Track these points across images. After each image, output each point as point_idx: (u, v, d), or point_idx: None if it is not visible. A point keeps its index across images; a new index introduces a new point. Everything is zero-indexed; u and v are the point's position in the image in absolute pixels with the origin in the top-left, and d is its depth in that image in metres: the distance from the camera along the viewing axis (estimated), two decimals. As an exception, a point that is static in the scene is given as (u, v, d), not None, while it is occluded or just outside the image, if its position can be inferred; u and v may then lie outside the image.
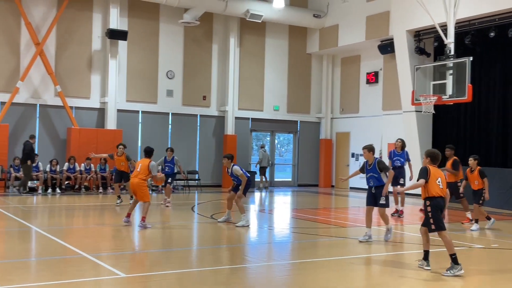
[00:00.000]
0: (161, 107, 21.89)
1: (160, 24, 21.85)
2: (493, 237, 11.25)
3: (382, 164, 9.93)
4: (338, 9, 23.50)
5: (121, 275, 7.03)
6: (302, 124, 25.26)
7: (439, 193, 7.61)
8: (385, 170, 9.84)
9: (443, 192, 7.67)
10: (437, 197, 7.61)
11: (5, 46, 19.17)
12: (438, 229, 7.64)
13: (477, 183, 12.08)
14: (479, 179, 12.04)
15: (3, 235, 10.53)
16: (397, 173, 13.40)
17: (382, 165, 9.90)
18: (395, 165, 13.84)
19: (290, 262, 8.49)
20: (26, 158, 17.57)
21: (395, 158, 14.04)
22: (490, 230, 12.06)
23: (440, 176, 7.70)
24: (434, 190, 7.59)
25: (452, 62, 14.90)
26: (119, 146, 15.15)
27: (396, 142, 14.30)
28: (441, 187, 7.62)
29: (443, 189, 7.65)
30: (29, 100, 19.55)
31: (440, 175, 7.74)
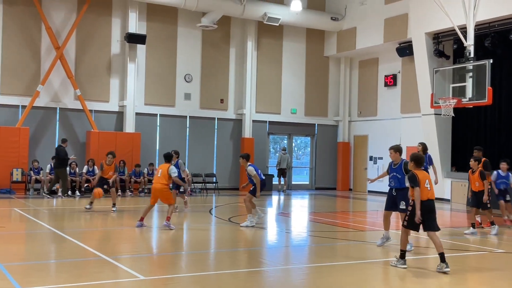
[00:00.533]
0: (179, 111, 22.00)
1: (178, 28, 21.99)
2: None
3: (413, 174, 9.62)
4: (356, 12, 23.43)
5: (140, 278, 7.07)
6: (319, 127, 25.20)
7: (428, 196, 7.91)
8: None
9: (432, 195, 7.97)
10: (424, 201, 7.87)
11: (26, 50, 19.44)
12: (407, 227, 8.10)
13: (478, 184, 11.96)
14: (480, 180, 11.89)
15: (23, 237, 10.67)
16: None
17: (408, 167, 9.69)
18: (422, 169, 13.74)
19: (307, 266, 8.46)
20: (62, 164, 17.72)
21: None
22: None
23: (427, 178, 8.00)
24: (424, 194, 7.87)
25: (472, 65, 14.76)
26: (108, 155, 14.51)
27: (418, 146, 14.17)
28: (429, 189, 7.94)
29: (430, 190, 7.94)
30: (49, 103, 19.79)
31: (427, 177, 8.03)
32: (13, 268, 7.44)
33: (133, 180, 19.57)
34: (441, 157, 20.01)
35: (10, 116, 19.15)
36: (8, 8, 19.13)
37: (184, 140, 22.13)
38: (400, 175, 9.48)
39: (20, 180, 18.52)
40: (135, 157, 20.20)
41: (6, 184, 18.10)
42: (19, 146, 18.57)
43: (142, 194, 19.49)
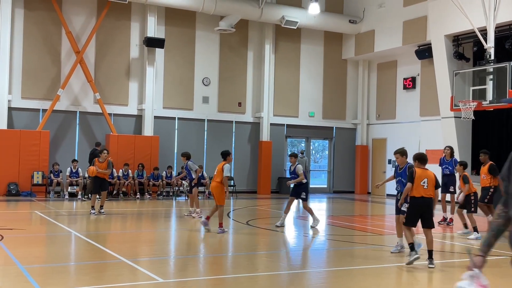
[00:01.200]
0: (197, 114, 22.10)
1: (196, 32, 22.10)
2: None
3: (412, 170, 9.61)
4: (374, 15, 23.32)
5: (159, 280, 7.10)
6: (337, 130, 25.10)
7: (422, 194, 8.21)
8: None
9: (427, 193, 8.21)
10: (418, 197, 8.23)
11: (46, 55, 19.70)
12: (405, 224, 8.52)
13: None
14: (463, 184, 11.82)
15: (44, 239, 10.79)
16: (446, 180, 13.54)
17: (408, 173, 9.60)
18: (444, 173, 13.73)
19: (326, 270, 8.43)
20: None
21: (444, 166, 13.84)
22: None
23: (427, 177, 8.25)
24: (417, 191, 8.22)
25: (492, 67, 14.61)
26: (103, 151, 13.87)
27: (445, 150, 14.07)
28: (425, 187, 8.21)
29: (427, 189, 8.20)
30: (69, 107, 20.02)
31: (428, 176, 8.27)
32: (34, 270, 7.53)
33: (151, 183, 19.69)
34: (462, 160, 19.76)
35: (31, 120, 19.41)
36: (29, 13, 19.40)
37: (202, 143, 22.21)
38: (405, 179, 9.23)
39: (41, 183, 18.73)
40: (154, 160, 20.33)
41: (27, 187, 18.33)
42: (40, 150, 18.80)
43: (161, 197, 19.60)
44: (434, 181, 8.30)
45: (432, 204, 8.38)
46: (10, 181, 18.11)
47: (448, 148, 13.96)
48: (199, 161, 21.22)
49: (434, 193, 8.33)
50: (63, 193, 18.44)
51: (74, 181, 18.58)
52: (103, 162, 13.62)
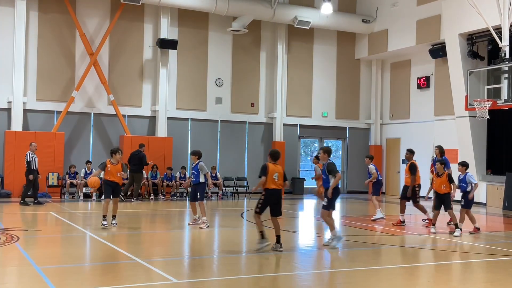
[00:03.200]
0: (210, 115, 22.15)
1: (209, 33, 22.16)
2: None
3: (331, 167, 9.88)
4: (388, 14, 23.21)
5: (173, 281, 7.13)
6: (351, 130, 25.01)
7: (272, 186, 9.31)
8: (332, 173, 9.83)
9: (277, 185, 9.33)
10: (270, 189, 9.32)
11: (61, 57, 19.86)
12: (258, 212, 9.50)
13: (444, 187, 11.87)
14: (447, 183, 11.84)
15: (59, 240, 10.88)
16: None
17: (331, 168, 9.86)
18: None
19: (340, 270, 8.40)
20: (141, 168, 18.49)
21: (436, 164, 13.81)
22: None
23: (277, 171, 9.37)
24: (269, 184, 9.29)
25: (507, 66, 14.48)
26: (116, 152, 11.99)
27: (435, 149, 14.14)
28: (276, 180, 9.32)
29: (277, 181, 9.32)
30: (83, 109, 20.17)
31: (278, 170, 9.39)
32: (50, 271, 7.59)
33: (165, 184, 19.76)
34: (476, 160, 19.63)
35: (46, 122, 19.58)
36: (44, 16, 19.58)
37: (215, 144, 22.26)
38: (325, 176, 9.90)
39: (56, 184, 18.89)
40: (167, 161, 20.42)
41: (42, 188, 18.47)
42: (55, 151, 18.97)
43: (174, 198, 19.67)
44: (283, 175, 9.46)
45: (281, 195, 9.53)
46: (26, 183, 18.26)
47: (436, 147, 14.00)
48: (212, 162, 21.29)
49: (283, 185, 9.49)
50: (77, 194, 18.57)
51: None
52: (116, 164, 11.90)
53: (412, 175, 13.16)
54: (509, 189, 18.36)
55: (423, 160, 22.62)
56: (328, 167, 9.89)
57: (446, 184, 11.87)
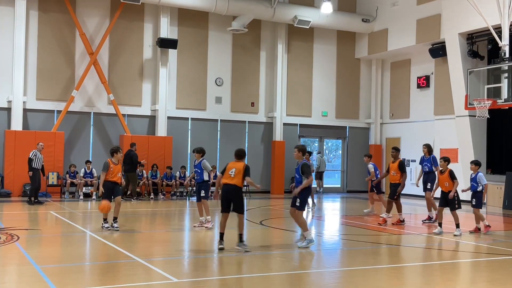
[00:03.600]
0: (210, 114, 22.15)
1: (209, 32, 22.15)
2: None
3: (305, 168, 9.74)
4: (388, 13, 23.21)
5: (173, 280, 7.13)
6: (351, 130, 25.01)
7: (225, 181, 9.42)
8: (305, 174, 9.73)
9: (233, 181, 9.35)
10: (224, 184, 9.43)
11: (61, 56, 19.86)
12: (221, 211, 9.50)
13: (447, 185, 11.68)
14: (449, 181, 11.62)
15: (59, 239, 10.88)
16: (425, 178, 13.79)
17: (305, 169, 9.72)
18: (424, 170, 13.95)
19: (340, 270, 8.40)
20: (135, 168, 18.39)
21: (424, 163, 14.01)
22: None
23: (234, 167, 9.46)
24: (223, 180, 9.43)
25: (507, 65, 14.48)
26: (118, 152, 11.59)
27: (423, 148, 14.18)
28: (232, 176, 9.39)
29: (233, 178, 9.36)
30: (83, 108, 20.17)
31: (236, 166, 9.48)
32: (50, 270, 7.60)
33: (165, 184, 19.76)
34: (476, 159, 19.61)
35: (46, 121, 19.58)
36: (43, 15, 19.58)
37: (215, 143, 22.25)
38: (298, 175, 9.81)
39: (56, 184, 18.89)
40: (167, 160, 20.41)
41: (42, 188, 18.45)
42: (55, 150, 18.97)
43: (174, 197, 19.67)
44: (242, 171, 9.38)
45: (241, 192, 9.49)
46: (26, 182, 18.26)
47: (424, 146, 14.03)
48: (212, 162, 21.27)
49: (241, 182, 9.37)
50: (77, 193, 18.58)
51: (88, 181, 18.73)
52: (117, 164, 11.55)
53: (404, 172, 13.07)
54: (509, 188, 18.36)
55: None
56: (303, 168, 9.73)
57: (448, 181, 11.65)
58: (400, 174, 13.08)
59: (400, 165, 13.14)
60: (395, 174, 13.16)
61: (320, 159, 23.82)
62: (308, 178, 9.71)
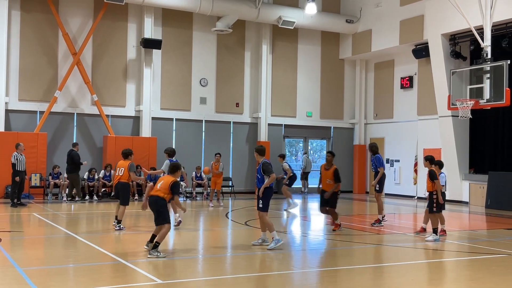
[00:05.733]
0: (195, 115, 22.09)
1: (193, 33, 22.10)
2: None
3: (266, 167, 9.82)
4: (371, 14, 23.34)
5: (158, 281, 7.10)
6: (335, 130, 25.11)
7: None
8: (267, 173, 9.80)
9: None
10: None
11: (43, 56, 19.67)
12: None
13: (330, 182, 11.43)
14: (429, 181, 11.08)
15: (42, 241, 10.77)
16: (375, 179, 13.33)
17: (265, 167, 9.81)
18: (374, 171, 13.47)
19: (324, 270, 8.43)
20: (75, 168, 17.76)
21: (372, 163, 13.59)
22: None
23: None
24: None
25: (489, 66, 14.62)
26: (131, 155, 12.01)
27: (368, 147, 14.05)
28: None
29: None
30: (66, 109, 20.00)
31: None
32: (33, 273, 7.52)
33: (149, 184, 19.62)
34: (459, 159, 19.84)
35: (28, 122, 19.39)
36: (26, 15, 19.38)
37: (200, 144, 22.21)
38: (260, 175, 9.86)
39: (39, 185, 18.71)
40: (152, 161, 20.31)
41: (25, 189, 18.25)
42: (38, 152, 18.78)
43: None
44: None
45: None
46: (8, 183, 18.04)
47: (370, 146, 13.76)
48: (197, 162, 21.27)
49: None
50: (61, 195, 18.41)
51: (72, 183, 18.55)
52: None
53: (339, 182, 11.88)
54: (492, 187, 18.58)
55: (407, 160, 22.85)
56: (263, 167, 9.78)
57: (427, 181, 11.16)
58: (334, 183, 11.83)
59: (335, 174, 11.85)
60: (330, 182, 11.90)
61: (306, 159, 23.97)
62: (270, 177, 9.73)
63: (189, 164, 20.78)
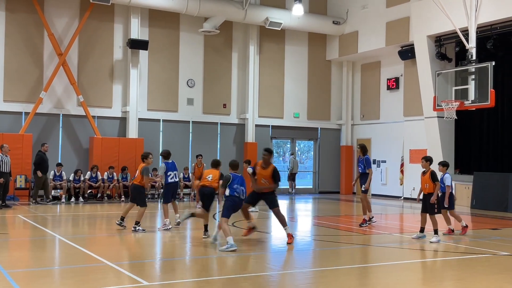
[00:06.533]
0: (182, 116, 22.03)
1: (180, 33, 22.04)
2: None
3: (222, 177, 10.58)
4: (358, 16, 23.45)
5: (144, 283, 7.07)
6: (322, 131, 25.18)
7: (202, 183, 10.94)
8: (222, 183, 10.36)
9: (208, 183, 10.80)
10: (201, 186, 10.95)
11: (28, 57, 19.51)
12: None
13: (427, 186, 11.01)
14: (430, 182, 10.96)
15: (27, 243, 10.68)
16: (360, 180, 13.36)
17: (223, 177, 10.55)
18: (360, 171, 13.45)
19: (312, 270, 8.45)
20: (36, 169, 17.54)
21: (358, 164, 13.60)
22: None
23: (211, 174, 10.93)
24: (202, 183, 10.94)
25: (474, 67, 14.75)
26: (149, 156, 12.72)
27: (357, 148, 14.05)
28: (209, 180, 10.83)
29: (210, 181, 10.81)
30: (52, 110, 19.84)
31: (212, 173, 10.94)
32: (17, 275, 7.45)
33: (136, 186, 19.50)
34: (445, 159, 19.95)
35: (13, 123, 19.20)
36: (11, 15, 19.21)
37: (187, 145, 22.15)
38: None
39: (24, 187, 18.53)
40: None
41: (10, 191, 18.10)
42: (23, 153, 18.60)
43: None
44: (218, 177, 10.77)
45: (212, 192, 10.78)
46: (-7, 185, 17.89)
47: (358, 146, 13.79)
48: (184, 163, 21.20)
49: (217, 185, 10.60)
50: (46, 196, 18.25)
51: (58, 184, 18.43)
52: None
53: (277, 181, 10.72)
54: (477, 188, 18.73)
55: (394, 160, 22.98)
56: (221, 177, 10.68)
57: (429, 182, 10.98)
58: (272, 183, 10.66)
59: (274, 173, 10.64)
60: (265, 181, 10.68)
61: (293, 160, 24.03)
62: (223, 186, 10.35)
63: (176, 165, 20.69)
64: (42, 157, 17.70)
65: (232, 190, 10.07)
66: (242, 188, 10.21)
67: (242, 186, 10.23)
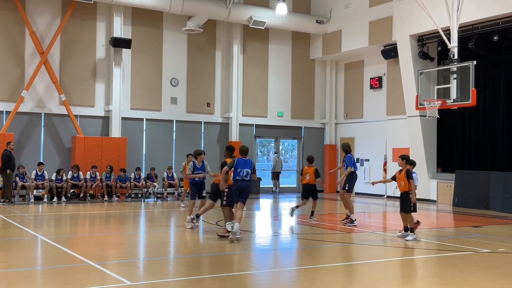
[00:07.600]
0: (165, 115, 21.94)
1: (163, 32, 21.94)
2: (498, 242, 11.19)
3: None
4: (341, 15, 23.55)
5: (127, 283, 7.03)
6: (306, 130, 25.26)
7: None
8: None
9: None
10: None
11: (9, 55, 19.28)
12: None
13: (403, 184, 11.03)
14: (405, 180, 10.99)
15: (9, 243, 10.55)
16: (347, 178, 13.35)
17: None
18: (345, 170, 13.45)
19: (296, 269, 8.46)
20: (3, 168, 17.29)
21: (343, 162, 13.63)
22: (494, 235, 11.98)
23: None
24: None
25: (456, 66, 14.87)
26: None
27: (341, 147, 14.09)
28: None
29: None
30: (34, 109, 19.64)
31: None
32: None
33: (119, 186, 19.41)
34: (427, 158, 20.16)
35: (-6, 122, 18.97)
36: (-9, 13, 18.97)
37: (170, 144, 22.06)
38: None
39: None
40: (122, 162, 20.09)
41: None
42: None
43: (129, 199, 19.37)
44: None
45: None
46: (-27, 185, 17.65)
47: (342, 145, 13.86)
48: (168, 162, 21.11)
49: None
50: (28, 196, 18.07)
51: (39, 184, 18.25)
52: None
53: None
54: (459, 186, 18.93)
55: (377, 159, 23.11)
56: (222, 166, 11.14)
57: (404, 181, 11.01)
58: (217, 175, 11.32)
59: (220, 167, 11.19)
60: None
61: (277, 159, 24.07)
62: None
63: (160, 164, 20.65)
64: (9, 155, 17.44)
65: (236, 174, 10.64)
66: (247, 170, 10.79)
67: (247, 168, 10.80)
